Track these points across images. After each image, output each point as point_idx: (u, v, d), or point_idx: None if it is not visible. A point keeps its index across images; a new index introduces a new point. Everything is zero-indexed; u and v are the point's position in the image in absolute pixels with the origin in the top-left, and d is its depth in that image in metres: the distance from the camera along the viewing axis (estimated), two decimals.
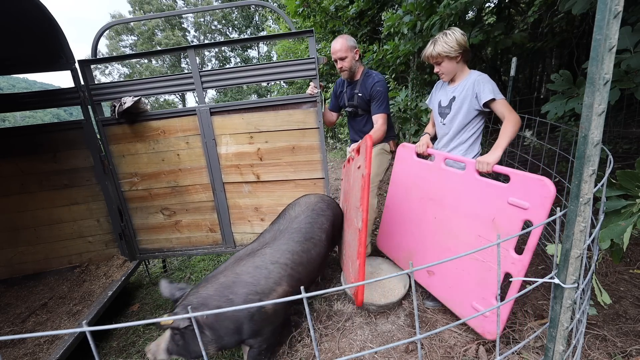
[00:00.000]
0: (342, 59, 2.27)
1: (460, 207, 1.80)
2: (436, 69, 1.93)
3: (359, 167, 1.82)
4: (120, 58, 2.71)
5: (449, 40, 1.78)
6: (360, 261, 1.63)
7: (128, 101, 2.42)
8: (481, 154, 1.91)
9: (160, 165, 2.68)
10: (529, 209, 1.45)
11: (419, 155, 2.13)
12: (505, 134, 1.72)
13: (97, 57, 2.53)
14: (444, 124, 2.01)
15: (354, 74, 2.37)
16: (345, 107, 2.50)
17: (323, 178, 2.49)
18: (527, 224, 1.70)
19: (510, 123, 1.72)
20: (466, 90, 1.84)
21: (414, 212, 2.13)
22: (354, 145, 2.14)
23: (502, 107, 1.76)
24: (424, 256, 2.04)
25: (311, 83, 2.34)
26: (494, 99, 1.75)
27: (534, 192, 1.44)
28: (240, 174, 2.59)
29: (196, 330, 0.64)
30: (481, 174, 1.74)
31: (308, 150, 2.45)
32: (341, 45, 2.24)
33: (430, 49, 1.85)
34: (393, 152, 2.46)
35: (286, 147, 2.47)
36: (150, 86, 2.51)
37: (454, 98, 1.92)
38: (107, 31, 2.57)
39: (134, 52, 2.59)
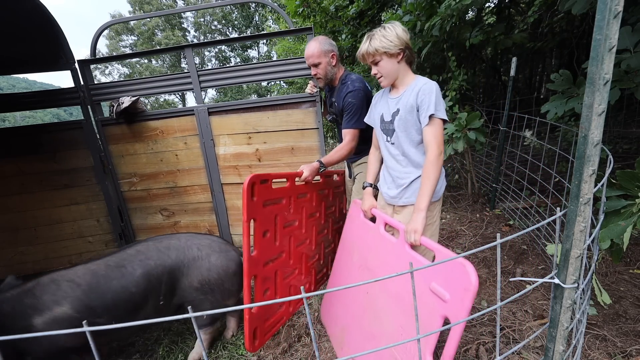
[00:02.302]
0: (315, 65, 1.98)
1: (389, 285, 1.45)
2: (373, 71, 1.59)
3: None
4: (119, 58, 2.72)
5: (388, 34, 1.49)
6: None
7: (126, 101, 2.42)
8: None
9: (159, 165, 2.67)
10: (448, 302, 1.10)
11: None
12: (427, 183, 1.40)
13: (97, 57, 2.53)
14: (393, 144, 1.62)
15: (331, 81, 2.07)
16: (328, 111, 2.27)
17: None
18: (447, 321, 1.19)
19: (431, 164, 1.40)
20: (411, 101, 1.49)
21: (352, 281, 1.75)
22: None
23: (433, 133, 1.42)
24: (352, 338, 1.66)
25: (310, 82, 2.26)
26: (432, 115, 1.41)
27: (455, 279, 1.09)
28: (238, 175, 2.57)
29: None
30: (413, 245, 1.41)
31: (307, 151, 2.41)
32: (313, 49, 1.94)
33: (365, 46, 1.53)
34: None
35: (285, 148, 2.44)
36: (148, 86, 2.51)
37: (397, 111, 1.56)
38: (107, 31, 2.57)
39: (132, 52, 2.58)
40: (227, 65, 2.45)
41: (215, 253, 1.83)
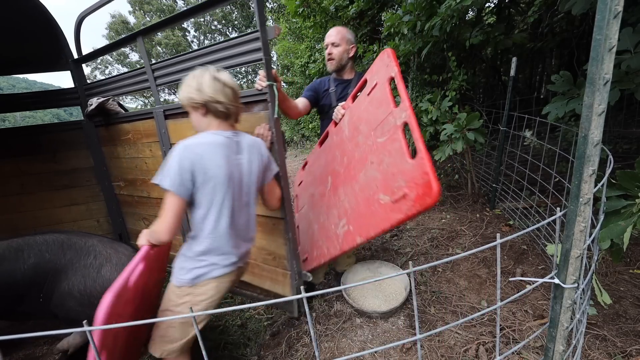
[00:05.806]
0: (334, 44, 2.04)
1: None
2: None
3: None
4: (106, 52, 2.62)
5: (190, 82, 1.35)
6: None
7: (94, 102, 2.32)
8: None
9: (135, 172, 2.53)
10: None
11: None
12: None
13: (85, 54, 2.47)
14: None
15: (341, 70, 2.11)
16: (331, 107, 2.11)
17: (283, 218, 1.80)
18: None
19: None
20: None
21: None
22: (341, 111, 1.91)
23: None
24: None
25: (260, 72, 1.58)
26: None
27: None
28: None
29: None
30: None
31: None
32: (337, 32, 2.05)
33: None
34: None
35: None
36: (118, 85, 2.34)
37: None
38: (106, 31, 2.54)
39: (102, 46, 2.36)
40: (181, 53, 1.90)
41: (109, 264, 1.66)
